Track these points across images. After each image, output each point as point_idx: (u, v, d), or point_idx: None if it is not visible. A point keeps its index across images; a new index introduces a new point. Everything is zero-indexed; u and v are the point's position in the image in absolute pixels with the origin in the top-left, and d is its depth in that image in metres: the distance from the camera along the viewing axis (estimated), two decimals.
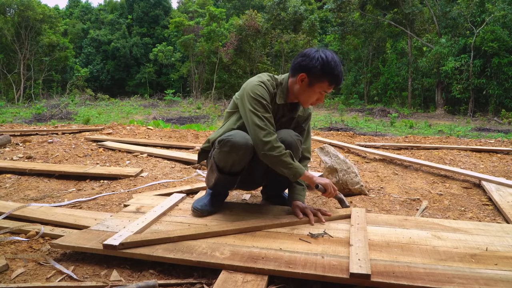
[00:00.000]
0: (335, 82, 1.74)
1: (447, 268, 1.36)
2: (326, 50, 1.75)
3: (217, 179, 1.86)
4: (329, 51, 1.74)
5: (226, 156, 1.73)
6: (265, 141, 1.69)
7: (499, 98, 16.34)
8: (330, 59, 1.71)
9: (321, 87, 1.75)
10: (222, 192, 2.00)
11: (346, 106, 20.50)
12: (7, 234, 1.85)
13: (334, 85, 1.76)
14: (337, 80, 1.74)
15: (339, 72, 1.74)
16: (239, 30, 24.87)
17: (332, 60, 1.71)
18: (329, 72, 1.71)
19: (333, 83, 1.74)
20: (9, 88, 26.14)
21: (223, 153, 1.74)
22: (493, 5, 16.33)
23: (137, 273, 1.46)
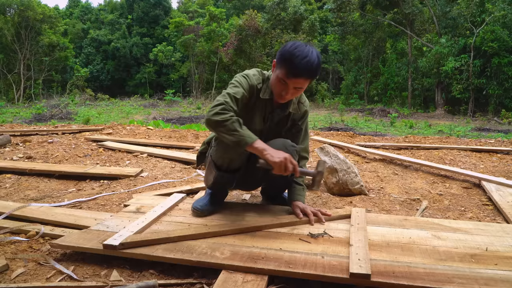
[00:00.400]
0: (292, 72, 1.59)
1: (447, 268, 1.36)
2: (307, 45, 1.64)
3: (216, 178, 1.85)
4: (310, 47, 1.63)
5: (223, 153, 1.74)
6: (212, 107, 1.59)
7: (499, 98, 16.34)
8: (297, 48, 1.59)
9: (281, 74, 1.62)
10: (221, 191, 2.00)
11: (346, 106, 20.50)
12: (7, 234, 1.85)
13: (292, 76, 1.60)
14: (294, 71, 1.59)
15: (301, 63, 1.57)
16: (239, 30, 24.89)
17: (299, 50, 1.59)
18: (289, 60, 1.58)
19: (290, 73, 1.59)
20: (9, 88, 26.15)
21: (220, 151, 1.74)
22: (493, 5, 16.34)
23: (137, 273, 1.46)
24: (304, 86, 1.67)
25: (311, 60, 1.59)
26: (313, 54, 1.61)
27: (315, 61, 1.61)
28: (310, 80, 1.66)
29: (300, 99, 1.89)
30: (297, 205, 1.86)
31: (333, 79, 31.26)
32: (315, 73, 1.64)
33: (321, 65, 1.67)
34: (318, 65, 1.63)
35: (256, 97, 1.78)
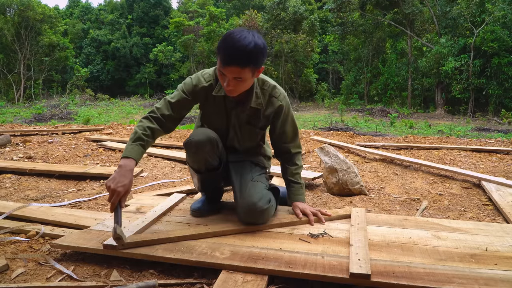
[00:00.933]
0: (224, 60, 1.48)
1: (447, 268, 1.36)
2: (245, 31, 1.52)
3: (201, 180, 1.86)
4: (247, 32, 1.51)
5: (195, 156, 1.73)
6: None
7: (499, 98, 16.34)
8: (231, 35, 1.50)
9: (218, 64, 1.54)
10: (214, 191, 1.97)
11: (346, 106, 20.49)
12: (7, 234, 1.85)
13: (225, 64, 1.49)
14: (225, 58, 1.48)
15: (232, 49, 1.47)
16: None
17: (232, 36, 1.49)
18: (221, 47, 1.49)
19: (223, 61, 1.49)
20: (9, 88, 26.15)
21: (191, 155, 1.74)
22: (493, 5, 16.34)
23: (137, 273, 1.47)
24: (243, 75, 1.51)
25: (242, 45, 1.46)
26: (246, 39, 1.48)
27: (248, 46, 1.47)
28: (247, 68, 1.50)
29: (272, 92, 1.75)
30: (297, 205, 1.85)
31: (333, 79, 31.26)
32: (248, 59, 1.48)
33: (260, 50, 1.51)
34: (252, 50, 1.47)
35: (211, 95, 1.73)
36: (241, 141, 1.85)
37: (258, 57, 1.52)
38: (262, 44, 1.52)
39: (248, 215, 1.70)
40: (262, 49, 1.53)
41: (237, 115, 1.76)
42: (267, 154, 2.02)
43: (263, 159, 1.98)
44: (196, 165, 1.77)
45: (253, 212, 1.68)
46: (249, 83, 1.60)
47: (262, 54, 1.54)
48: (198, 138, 1.69)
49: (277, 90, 1.77)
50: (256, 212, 1.68)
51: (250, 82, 1.60)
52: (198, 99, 1.75)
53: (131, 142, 1.62)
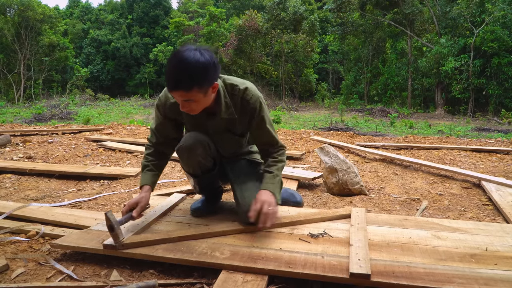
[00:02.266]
0: (167, 84, 1.47)
1: (447, 268, 1.36)
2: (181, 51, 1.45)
3: (198, 183, 1.86)
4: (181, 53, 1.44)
5: (188, 161, 1.73)
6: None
7: (499, 98, 16.34)
8: (174, 55, 1.45)
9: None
10: (212, 191, 1.97)
11: (346, 106, 20.49)
12: (7, 234, 1.85)
13: (169, 89, 1.46)
14: (167, 82, 1.46)
15: (167, 75, 1.45)
16: (239, 30, 24.88)
17: (175, 57, 1.44)
18: (166, 69, 1.47)
19: (167, 85, 1.47)
20: (9, 88, 26.15)
21: (184, 160, 1.74)
22: (493, 5, 16.34)
23: (137, 273, 1.47)
24: (192, 97, 1.46)
25: (183, 68, 1.41)
26: (187, 60, 1.41)
27: (189, 68, 1.41)
28: (193, 90, 1.44)
29: (244, 95, 1.66)
30: (258, 198, 1.63)
31: (333, 79, 31.26)
32: (191, 81, 1.42)
33: (204, 69, 1.43)
34: (193, 71, 1.41)
35: (169, 110, 1.70)
36: (226, 148, 1.83)
37: (202, 77, 1.44)
38: (206, 62, 1.44)
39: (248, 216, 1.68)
40: (207, 67, 1.44)
41: (214, 125, 1.71)
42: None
43: (257, 155, 1.97)
44: (191, 169, 1.77)
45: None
46: (207, 100, 1.54)
47: (207, 72, 1.44)
48: (188, 143, 1.68)
49: (248, 91, 1.66)
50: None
51: (207, 99, 1.54)
52: (172, 115, 1.72)
53: (144, 169, 1.79)
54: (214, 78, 1.50)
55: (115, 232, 1.51)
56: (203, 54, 1.45)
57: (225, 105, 1.65)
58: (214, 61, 1.48)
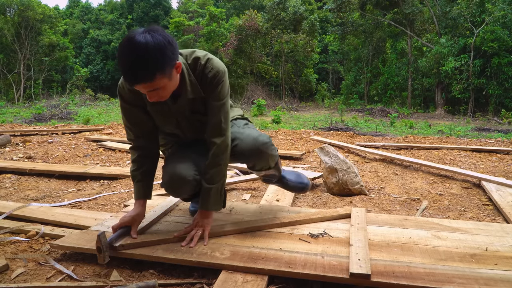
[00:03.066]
0: (125, 80, 1.32)
1: (447, 268, 1.36)
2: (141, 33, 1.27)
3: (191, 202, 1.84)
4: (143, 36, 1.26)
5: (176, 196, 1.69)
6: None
7: (499, 98, 16.34)
8: (122, 47, 1.28)
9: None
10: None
11: (346, 106, 20.48)
12: (7, 234, 1.85)
13: (130, 85, 1.33)
14: (125, 78, 1.31)
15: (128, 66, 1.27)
16: (239, 30, 24.88)
17: (124, 48, 1.27)
18: (119, 64, 1.30)
19: (126, 81, 1.32)
20: (9, 88, 26.15)
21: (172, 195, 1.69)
22: (493, 5, 16.34)
23: (137, 273, 1.47)
24: (157, 85, 1.32)
25: (137, 60, 1.25)
26: (138, 49, 1.24)
27: (144, 57, 1.25)
28: (156, 78, 1.29)
29: (204, 68, 1.48)
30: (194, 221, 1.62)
31: (333, 79, 31.26)
32: (152, 70, 1.27)
33: (160, 52, 1.27)
34: (149, 59, 1.25)
35: (134, 97, 1.54)
36: (199, 134, 1.66)
37: (161, 61, 1.28)
38: (161, 42, 1.27)
39: (252, 151, 1.56)
40: (162, 47, 1.28)
41: (179, 109, 1.55)
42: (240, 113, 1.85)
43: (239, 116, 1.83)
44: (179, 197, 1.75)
45: (256, 147, 1.56)
46: (174, 82, 1.40)
47: (164, 53, 1.28)
48: (172, 185, 1.58)
49: (209, 64, 1.48)
50: (260, 145, 1.56)
51: (174, 81, 1.39)
52: (135, 101, 1.54)
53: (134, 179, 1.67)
54: (174, 58, 1.34)
55: (103, 253, 1.45)
56: (154, 35, 1.27)
57: (190, 84, 1.48)
58: (168, 39, 1.31)
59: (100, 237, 1.44)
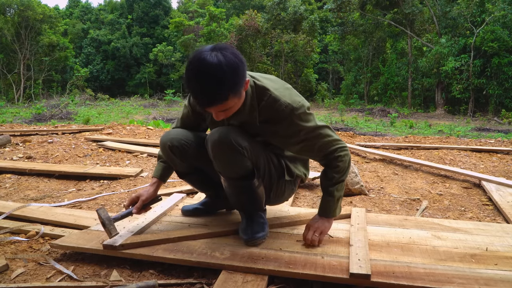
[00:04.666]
0: (198, 103, 1.28)
1: (447, 268, 1.36)
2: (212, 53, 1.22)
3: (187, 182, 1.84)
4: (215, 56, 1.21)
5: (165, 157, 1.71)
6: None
7: (499, 98, 16.36)
8: (192, 70, 1.23)
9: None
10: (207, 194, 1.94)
11: (346, 106, 20.51)
12: (7, 234, 1.85)
13: (202, 107, 1.30)
14: (197, 102, 1.27)
15: (201, 91, 1.23)
16: (239, 30, 24.90)
17: (196, 71, 1.22)
18: (189, 88, 1.27)
19: (198, 104, 1.28)
20: (9, 88, 26.17)
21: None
22: (493, 5, 16.36)
23: (137, 273, 1.46)
24: (228, 106, 1.30)
25: (199, 86, 1.23)
26: (211, 71, 1.20)
27: (205, 84, 1.22)
28: (228, 100, 1.26)
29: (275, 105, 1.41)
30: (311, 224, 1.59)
31: (333, 79, 31.28)
32: (226, 93, 1.23)
33: (232, 72, 1.22)
34: (222, 82, 1.21)
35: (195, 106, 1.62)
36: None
37: (234, 81, 1.24)
38: (232, 62, 1.23)
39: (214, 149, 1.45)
40: (235, 67, 1.23)
41: (232, 123, 1.53)
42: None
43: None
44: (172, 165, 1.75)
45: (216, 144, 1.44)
46: (241, 100, 1.37)
47: (237, 73, 1.24)
48: (160, 141, 1.65)
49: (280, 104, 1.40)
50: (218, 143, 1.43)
51: (242, 99, 1.37)
52: (196, 108, 1.62)
53: (159, 158, 1.76)
54: (244, 76, 1.30)
55: (107, 228, 1.51)
56: (224, 53, 1.23)
57: (250, 108, 1.43)
58: (240, 57, 1.26)
59: (99, 212, 1.51)
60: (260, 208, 1.64)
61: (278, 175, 1.61)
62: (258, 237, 1.56)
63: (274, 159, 1.59)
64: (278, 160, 1.61)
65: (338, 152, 1.49)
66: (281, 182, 1.63)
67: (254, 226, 1.59)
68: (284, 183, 1.65)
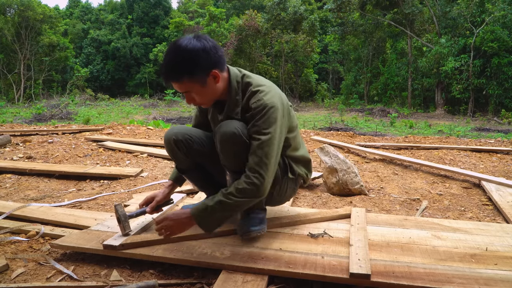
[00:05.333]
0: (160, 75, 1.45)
1: (447, 268, 1.36)
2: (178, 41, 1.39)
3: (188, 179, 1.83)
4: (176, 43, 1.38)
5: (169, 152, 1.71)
6: None
7: (499, 98, 16.36)
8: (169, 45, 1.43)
9: None
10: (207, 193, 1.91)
11: (346, 106, 20.51)
12: (7, 234, 1.85)
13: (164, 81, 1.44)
14: (160, 73, 1.44)
15: (163, 62, 1.40)
16: (239, 30, 24.90)
17: (168, 47, 1.41)
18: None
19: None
20: (9, 88, 26.17)
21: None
22: (493, 5, 16.36)
23: (137, 273, 1.47)
24: (187, 88, 1.40)
25: (169, 59, 1.37)
26: (176, 49, 1.36)
27: (175, 58, 1.36)
28: (184, 80, 1.37)
29: (250, 97, 1.45)
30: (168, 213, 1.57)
31: (333, 79, 31.27)
32: (180, 71, 1.35)
33: (190, 57, 1.34)
34: (179, 60, 1.35)
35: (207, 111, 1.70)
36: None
37: (191, 65, 1.35)
38: (197, 48, 1.34)
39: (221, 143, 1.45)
40: (197, 53, 1.34)
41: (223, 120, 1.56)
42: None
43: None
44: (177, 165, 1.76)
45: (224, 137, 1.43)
46: (210, 90, 1.43)
47: (197, 59, 1.34)
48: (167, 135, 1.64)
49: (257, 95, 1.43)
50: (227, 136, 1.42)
51: (210, 90, 1.43)
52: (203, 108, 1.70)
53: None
54: (208, 66, 1.37)
55: (121, 224, 1.57)
56: (199, 40, 1.37)
57: (233, 102, 1.49)
58: (208, 46, 1.36)
59: (116, 207, 1.56)
60: (258, 205, 1.64)
61: (281, 172, 1.61)
62: (253, 230, 1.55)
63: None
64: (282, 158, 1.61)
65: (254, 179, 1.37)
66: (284, 180, 1.63)
67: (250, 220, 1.60)
68: (287, 182, 1.65)
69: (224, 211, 1.41)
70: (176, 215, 1.46)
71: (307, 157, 1.72)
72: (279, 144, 1.44)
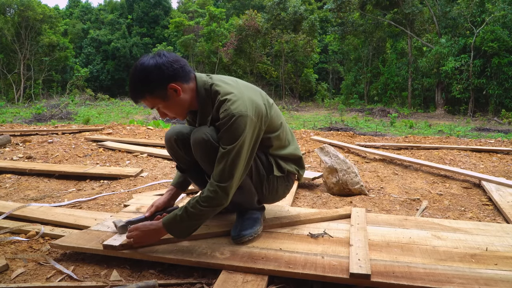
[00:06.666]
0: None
1: (447, 268, 1.36)
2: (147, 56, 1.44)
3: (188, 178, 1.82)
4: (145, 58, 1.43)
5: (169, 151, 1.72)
6: None
7: (499, 98, 16.37)
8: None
9: None
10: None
11: (346, 106, 20.52)
12: (7, 234, 1.85)
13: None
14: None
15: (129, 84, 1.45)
16: (239, 30, 24.92)
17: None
18: None
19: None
20: (9, 88, 26.18)
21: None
22: (493, 5, 16.36)
23: (137, 273, 1.46)
24: (152, 104, 1.45)
25: (130, 78, 1.44)
26: (130, 73, 1.44)
27: (133, 77, 1.42)
28: (146, 97, 1.43)
29: (219, 106, 1.44)
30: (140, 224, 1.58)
31: (333, 79, 31.28)
32: (141, 90, 1.42)
33: (146, 75, 1.39)
34: (137, 79, 1.41)
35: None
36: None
37: (147, 82, 1.40)
38: (150, 65, 1.39)
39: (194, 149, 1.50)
40: (150, 70, 1.39)
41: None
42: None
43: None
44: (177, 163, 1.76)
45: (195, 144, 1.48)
46: (176, 103, 1.46)
47: (150, 76, 1.39)
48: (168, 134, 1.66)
49: (225, 104, 1.41)
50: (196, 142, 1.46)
51: (175, 102, 1.46)
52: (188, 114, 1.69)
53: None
54: (163, 81, 1.40)
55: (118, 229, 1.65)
56: (154, 57, 1.41)
57: (203, 112, 1.52)
58: (161, 62, 1.39)
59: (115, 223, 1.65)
60: (251, 205, 1.64)
61: (267, 171, 1.61)
62: (245, 235, 1.56)
63: (261, 156, 1.61)
64: (266, 157, 1.62)
65: (217, 187, 1.40)
66: (271, 178, 1.63)
67: (243, 223, 1.60)
68: (276, 180, 1.65)
69: (191, 220, 1.46)
70: (145, 226, 1.52)
71: (296, 154, 1.72)
72: (250, 150, 1.45)
